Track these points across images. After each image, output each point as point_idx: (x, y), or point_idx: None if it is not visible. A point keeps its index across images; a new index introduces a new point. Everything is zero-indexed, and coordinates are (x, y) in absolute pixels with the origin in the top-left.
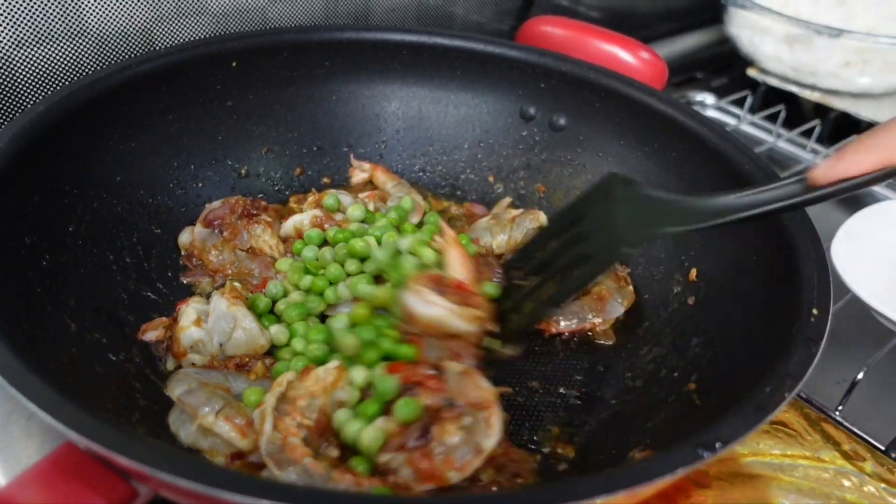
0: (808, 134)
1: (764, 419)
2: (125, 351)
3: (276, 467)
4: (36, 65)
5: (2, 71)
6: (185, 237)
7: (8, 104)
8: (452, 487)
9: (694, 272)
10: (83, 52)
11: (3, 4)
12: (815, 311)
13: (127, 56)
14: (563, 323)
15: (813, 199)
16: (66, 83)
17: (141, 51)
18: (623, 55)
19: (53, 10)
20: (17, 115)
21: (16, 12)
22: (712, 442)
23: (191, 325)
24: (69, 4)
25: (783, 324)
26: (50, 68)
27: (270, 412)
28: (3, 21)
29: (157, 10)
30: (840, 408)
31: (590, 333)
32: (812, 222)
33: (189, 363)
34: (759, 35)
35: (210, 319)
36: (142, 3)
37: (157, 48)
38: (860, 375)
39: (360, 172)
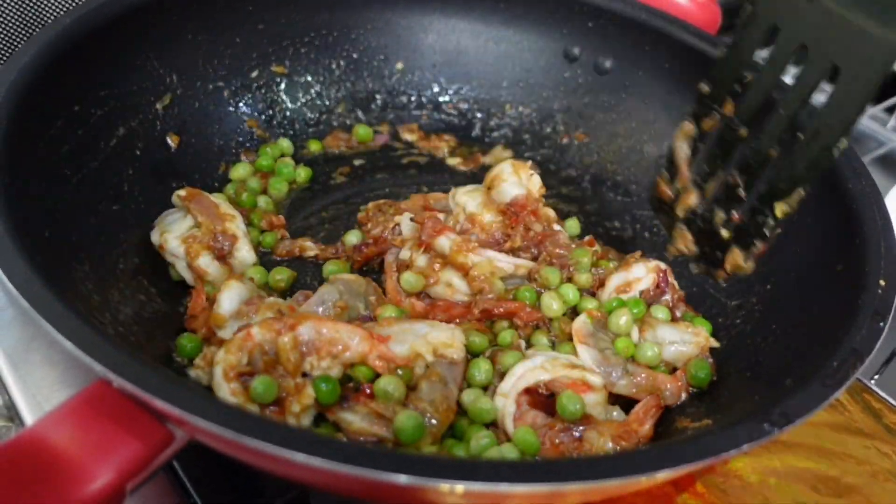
0: (890, 111)
1: (832, 395)
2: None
3: None
4: None
5: None
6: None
7: (31, 16)
8: None
9: None
10: None
11: None
12: (882, 283)
13: None
14: None
15: None
16: None
17: None
18: None
19: None
20: (40, 28)
21: None
22: (779, 417)
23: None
24: None
25: (847, 295)
26: None
27: None
28: None
29: None
30: (876, 376)
31: None
32: (876, 183)
33: None
34: None
35: None
36: None
37: None
38: None
39: None
